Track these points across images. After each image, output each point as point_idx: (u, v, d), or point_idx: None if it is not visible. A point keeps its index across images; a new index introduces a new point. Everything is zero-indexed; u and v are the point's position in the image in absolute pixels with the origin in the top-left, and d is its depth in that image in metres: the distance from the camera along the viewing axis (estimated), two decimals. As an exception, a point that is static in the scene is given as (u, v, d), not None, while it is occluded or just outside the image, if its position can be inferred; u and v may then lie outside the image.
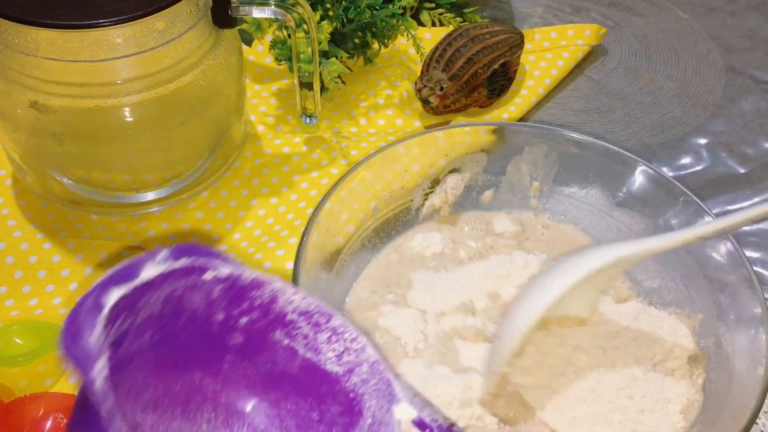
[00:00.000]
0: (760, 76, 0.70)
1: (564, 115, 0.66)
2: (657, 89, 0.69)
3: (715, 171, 0.61)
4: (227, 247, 0.54)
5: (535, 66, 0.68)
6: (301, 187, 0.58)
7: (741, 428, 0.37)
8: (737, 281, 0.43)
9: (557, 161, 0.52)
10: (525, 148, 0.52)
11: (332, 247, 0.48)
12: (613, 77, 0.70)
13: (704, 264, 0.46)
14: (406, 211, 0.52)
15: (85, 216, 0.55)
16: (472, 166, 0.53)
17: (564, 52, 0.69)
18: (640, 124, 0.66)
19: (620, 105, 0.67)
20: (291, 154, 0.60)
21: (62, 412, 0.43)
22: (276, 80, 0.67)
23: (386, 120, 0.64)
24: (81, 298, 0.31)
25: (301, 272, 0.42)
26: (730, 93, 0.68)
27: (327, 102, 0.64)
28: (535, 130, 0.52)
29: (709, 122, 0.66)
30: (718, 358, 0.43)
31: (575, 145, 0.51)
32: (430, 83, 0.61)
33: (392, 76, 0.67)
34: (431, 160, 0.52)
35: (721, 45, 0.74)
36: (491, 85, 0.63)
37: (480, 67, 0.62)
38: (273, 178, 0.58)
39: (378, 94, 0.66)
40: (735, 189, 0.60)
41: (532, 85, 0.66)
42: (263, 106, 0.64)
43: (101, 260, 0.52)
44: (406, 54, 0.69)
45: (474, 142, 0.52)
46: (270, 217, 0.56)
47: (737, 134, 0.64)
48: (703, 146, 0.63)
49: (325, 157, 0.60)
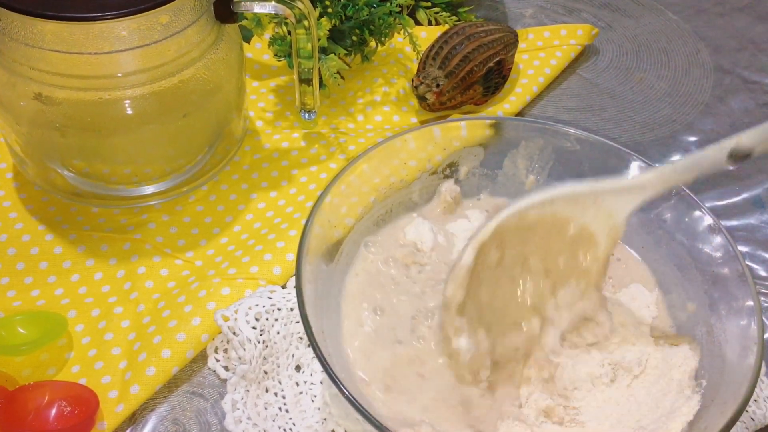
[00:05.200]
0: (748, 75, 0.71)
1: (557, 112, 0.67)
2: (647, 88, 0.70)
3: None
4: (228, 239, 0.54)
5: (529, 65, 0.69)
6: (300, 181, 0.58)
7: (731, 414, 0.38)
8: (730, 274, 0.45)
9: (552, 155, 0.53)
10: (521, 142, 0.53)
11: (332, 239, 0.48)
12: (605, 76, 0.71)
13: (696, 257, 0.47)
14: (404, 204, 0.53)
15: (86, 208, 0.55)
16: (470, 160, 0.53)
17: (557, 52, 0.70)
18: (632, 121, 0.67)
19: (612, 103, 0.68)
20: (290, 149, 0.61)
21: (66, 400, 0.44)
22: (274, 77, 0.68)
23: (383, 116, 0.65)
24: None
25: (304, 263, 0.43)
26: (718, 92, 0.70)
27: (324, 99, 0.65)
28: (532, 124, 0.53)
29: (698, 120, 0.67)
30: (710, 346, 0.44)
31: (571, 140, 0.52)
32: (427, 80, 0.62)
33: (389, 74, 0.68)
34: (429, 155, 0.53)
35: (709, 45, 0.75)
36: (486, 83, 0.64)
37: (475, 64, 0.63)
38: (272, 173, 0.59)
39: (375, 91, 0.67)
40: (724, 185, 0.61)
41: (526, 83, 0.67)
42: (261, 102, 0.65)
43: (102, 252, 0.53)
44: (403, 52, 0.70)
45: (471, 136, 0.53)
46: (270, 210, 0.56)
47: (726, 132, 0.65)
48: (692, 143, 0.65)
49: (324, 152, 0.61)
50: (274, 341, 0.48)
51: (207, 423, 0.46)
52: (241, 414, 0.45)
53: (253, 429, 0.45)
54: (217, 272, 0.51)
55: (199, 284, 0.50)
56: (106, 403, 0.45)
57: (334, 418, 0.46)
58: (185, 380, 0.48)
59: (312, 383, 0.48)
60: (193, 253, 0.53)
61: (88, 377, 0.46)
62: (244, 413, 0.45)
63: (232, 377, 0.46)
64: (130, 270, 0.52)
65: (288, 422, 0.46)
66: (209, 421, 0.46)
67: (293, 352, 0.48)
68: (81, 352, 0.48)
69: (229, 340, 0.47)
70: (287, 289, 0.50)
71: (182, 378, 0.48)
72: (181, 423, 0.46)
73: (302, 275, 0.41)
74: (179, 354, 0.47)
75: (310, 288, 0.43)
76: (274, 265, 0.51)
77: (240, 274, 0.51)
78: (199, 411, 0.46)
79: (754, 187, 0.61)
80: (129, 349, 0.47)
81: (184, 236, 0.54)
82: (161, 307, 0.49)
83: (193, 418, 0.46)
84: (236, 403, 0.45)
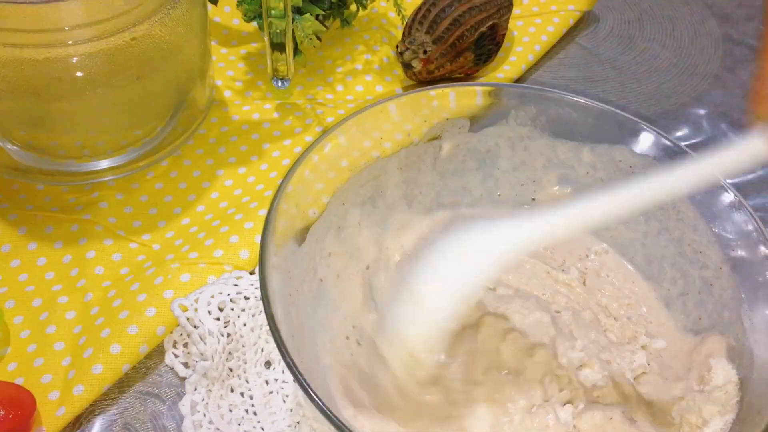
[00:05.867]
0: (758, 46, 0.66)
1: (555, 83, 0.62)
2: (652, 58, 0.65)
3: (716, 142, 0.58)
4: (190, 220, 0.49)
5: (524, 32, 0.63)
6: (272, 155, 0.53)
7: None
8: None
9: (547, 125, 0.47)
10: (511, 111, 0.47)
11: (305, 219, 0.43)
12: (606, 45, 0.66)
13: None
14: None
15: (29, 186, 0.49)
16: (453, 133, 0.48)
17: (554, 18, 0.65)
18: (635, 93, 0.62)
19: (614, 74, 0.63)
20: (261, 120, 0.55)
21: None
22: (244, 43, 0.62)
23: (365, 86, 0.59)
24: None
25: (269, 242, 0.37)
26: (728, 63, 0.65)
27: (301, 67, 0.60)
28: (524, 90, 0.47)
29: (707, 93, 0.62)
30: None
31: (568, 107, 0.47)
32: (413, 46, 0.57)
33: (371, 41, 0.62)
34: (415, 127, 0.47)
35: (716, 14, 0.70)
36: (478, 50, 0.58)
37: (466, 29, 0.57)
38: (241, 147, 0.53)
39: (356, 60, 0.61)
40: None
41: (520, 51, 0.62)
42: (230, 70, 0.59)
43: (47, 234, 0.47)
44: (387, 17, 0.65)
45: (458, 106, 0.48)
46: (237, 188, 0.51)
47: (737, 105, 0.61)
48: (702, 117, 0.60)
49: (299, 124, 0.55)
50: (241, 334, 0.42)
51: (163, 427, 0.40)
52: (202, 417, 0.39)
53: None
54: (176, 257, 0.45)
55: (156, 270, 0.44)
56: (46, 406, 0.39)
57: (309, 421, 0.40)
58: (138, 379, 0.42)
59: (284, 381, 0.42)
60: (150, 236, 0.48)
61: (25, 376, 0.41)
62: (205, 416, 0.40)
63: (191, 375, 0.40)
64: (78, 255, 0.46)
65: (256, 426, 0.40)
66: (165, 426, 0.40)
67: (262, 347, 0.43)
68: (19, 348, 0.42)
69: (188, 333, 0.41)
70: (256, 276, 0.45)
71: (135, 377, 0.42)
72: (132, 428, 0.40)
73: (266, 257, 0.36)
74: (131, 349, 0.41)
75: (278, 279, 0.37)
76: (241, 248, 0.46)
77: (202, 259, 0.45)
78: (154, 414, 0.41)
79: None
80: (74, 344, 0.42)
81: (141, 217, 0.49)
82: (112, 296, 0.44)
83: (147, 423, 0.40)
84: (196, 405, 0.40)
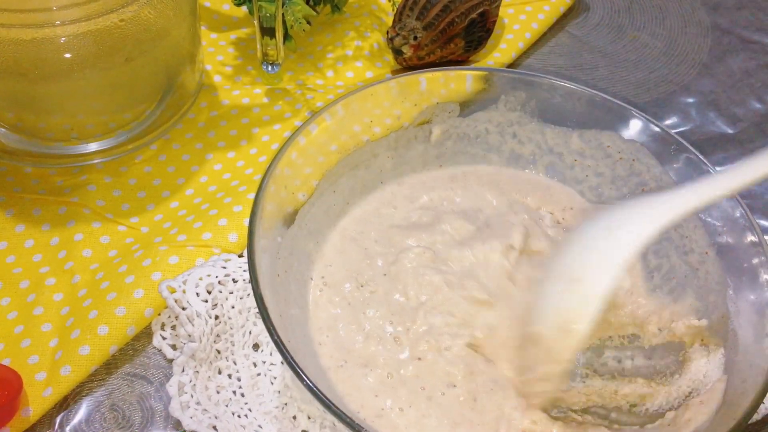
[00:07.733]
0: (747, 35, 0.66)
1: (545, 71, 0.62)
2: (642, 47, 0.65)
3: (704, 131, 0.58)
4: (179, 203, 0.48)
5: (514, 19, 0.63)
6: (262, 140, 0.53)
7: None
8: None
9: (536, 111, 0.48)
10: (501, 96, 0.47)
11: (294, 202, 0.43)
12: (596, 34, 0.66)
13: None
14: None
15: (17, 168, 0.49)
16: (443, 118, 0.48)
17: (545, 6, 0.65)
18: (625, 82, 0.62)
19: (604, 62, 0.63)
20: (251, 105, 0.55)
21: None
22: (234, 29, 0.62)
23: (355, 72, 0.59)
24: None
25: (257, 225, 0.37)
26: (717, 52, 0.65)
27: (291, 53, 0.59)
28: (514, 75, 0.47)
29: (696, 81, 0.62)
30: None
31: (558, 93, 0.47)
32: (403, 32, 0.57)
33: (362, 27, 0.62)
34: (405, 111, 0.47)
35: (706, 3, 0.70)
36: (469, 36, 0.58)
37: (457, 15, 0.57)
38: (230, 131, 0.53)
39: (346, 45, 0.61)
40: (725, 149, 0.56)
41: (511, 39, 0.62)
42: (220, 55, 0.59)
43: (34, 216, 0.47)
44: (377, 3, 0.64)
45: (448, 91, 0.48)
46: (227, 172, 0.51)
47: (726, 94, 0.61)
48: (691, 105, 0.60)
49: (288, 109, 0.55)
50: (228, 316, 0.42)
51: (150, 409, 0.40)
52: (189, 398, 0.39)
53: (203, 415, 0.39)
54: (164, 239, 0.45)
55: (144, 252, 0.44)
56: (32, 387, 0.39)
57: (296, 403, 0.40)
58: (126, 361, 0.42)
59: (272, 363, 0.42)
60: (139, 219, 0.47)
61: (12, 357, 0.40)
62: (192, 397, 0.39)
63: (179, 356, 0.40)
64: (66, 237, 0.46)
65: (243, 407, 0.40)
66: (153, 407, 0.40)
67: (250, 329, 0.43)
68: (6, 329, 0.42)
69: (176, 314, 0.41)
70: (244, 258, 0.45)
71: (122, 358, 0.42)
72: (120, 409, 0.40)
73: (254, 240, 0.36)
74: (119, 331, 0.41)
75: (267, 260, 0.37)
76: (230, 231, 0.45)
77: (191, 241, 0.45)
78: (141, 395, 0.41)
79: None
80: (61, 326, 0.42)
81: (129, 200, 0.48)
82: (100, 278, 0.43)
83: (134, 404, 0.40)
84: (183, 386, 0.40)
